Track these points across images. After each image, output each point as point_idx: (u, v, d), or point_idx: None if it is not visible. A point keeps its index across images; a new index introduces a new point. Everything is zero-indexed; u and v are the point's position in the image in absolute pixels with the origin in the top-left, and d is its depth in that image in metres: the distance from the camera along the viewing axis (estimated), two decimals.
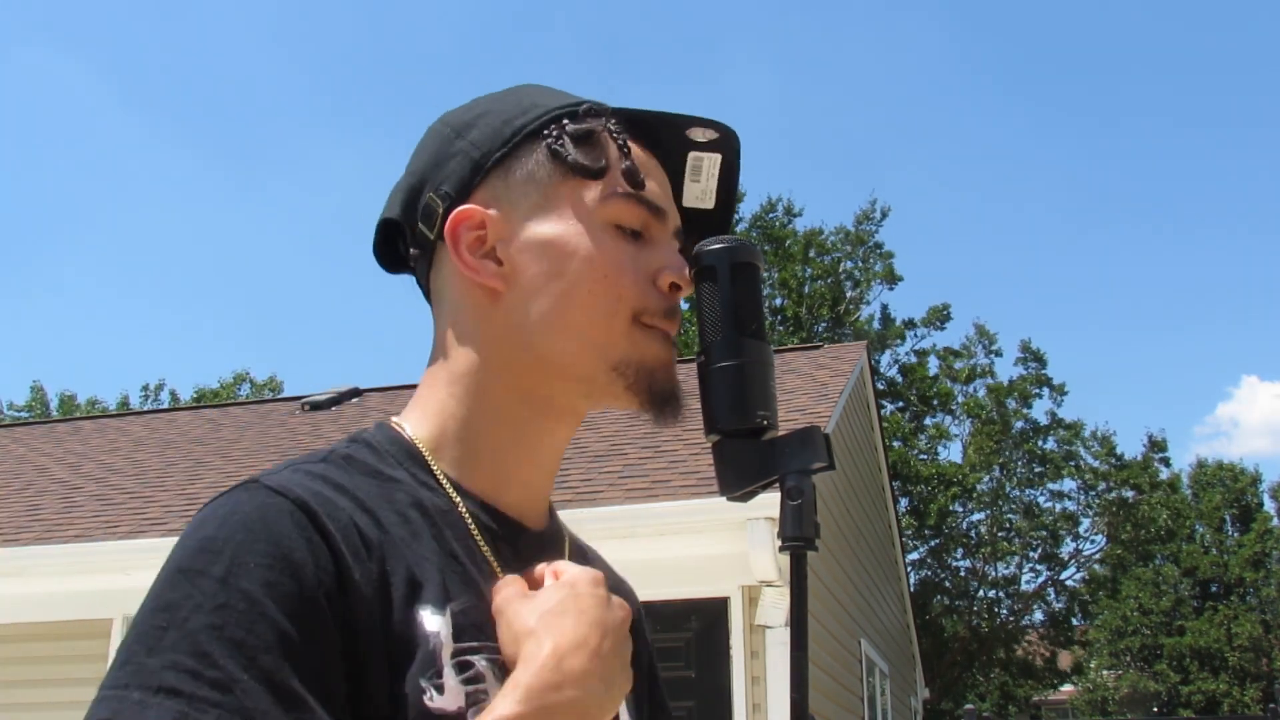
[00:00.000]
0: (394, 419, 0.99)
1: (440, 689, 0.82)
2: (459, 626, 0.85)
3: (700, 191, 1.05)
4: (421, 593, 0.85)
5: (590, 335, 0.94)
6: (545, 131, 0.96)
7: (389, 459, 0.93)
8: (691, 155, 1.03)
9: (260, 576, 0.77)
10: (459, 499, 0.94)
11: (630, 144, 0.97)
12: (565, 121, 0.96)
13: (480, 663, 0.85)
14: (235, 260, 54.51)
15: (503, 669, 0.86)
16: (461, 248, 0.95)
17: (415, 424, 0.97)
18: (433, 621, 0.84)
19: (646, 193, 0.97)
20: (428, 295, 1.02)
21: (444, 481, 0.94)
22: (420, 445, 0.95)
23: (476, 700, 0.84)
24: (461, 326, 0.97)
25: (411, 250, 1.01)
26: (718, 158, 1.04)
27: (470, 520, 0.93)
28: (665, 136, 1.01)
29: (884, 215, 26.97)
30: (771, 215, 27.25)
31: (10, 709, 7.30)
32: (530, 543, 0.98)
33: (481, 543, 0.93)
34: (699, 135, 1.02)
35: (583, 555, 1.06)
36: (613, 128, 0.97)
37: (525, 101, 0.99)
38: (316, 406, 10.73)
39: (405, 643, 0.82)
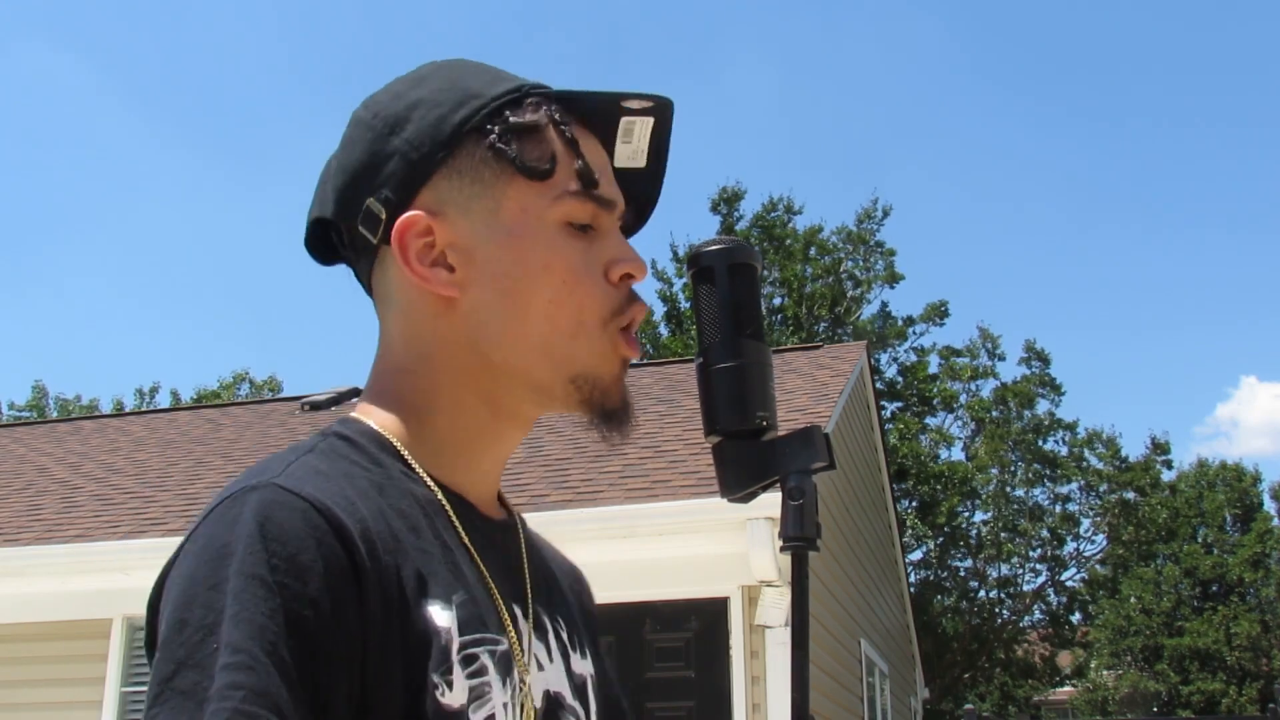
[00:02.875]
0: (354, 414, 0.97)
1: (450, 685, 0.82)
2: (463, 620, 0.85)
3: (631, 152, 1.02)
4: (429, 588, 0.85)
5: (553, 346, 0.93)
6: (487, 127, 0.93)
7: (368, 451, 0.92)
8: (624, 120, 1.00)
9: (271, 578, 0.77)
10: (436, 488, 0.93)
11: (576, 134, 0.95)
12: (507, 114, 0.93)
13: (483, 656, 0.86)
14: (235, 260, 54.48)
15: (502, 660, 0.87)
16: (411, 257, 0.92)
17: (380, 416, 0.96)
18: (442, 617, 0.84)
19: (597, 189, 0.95)
20: (368, 289, 1.00)
21: (420, 471, 0.93)
22: (390, 437, 0.94)
23: (481, 694, 0.84)
24: (415, 330, 0.95)
25: (348, 251, 0.98)
26: (650, 120, 1.01)
27: (450, 509, 0.93)
28: (598, 107, 0.99)
29: (885, 214, 26.89)
30: (773, 214, 27.20)
31: (10, 709, 7.30)
32: (494, 531, 0.98)
33: (462, 532, 0.93)
34: (633, 104, 1.00)
35: (533, 544, 1.06)
36: (557, 118, 0.94)
37: (460, 89, 0.95)
38: (316, 406, 10.73)
39: (419, 639, 0.82)
